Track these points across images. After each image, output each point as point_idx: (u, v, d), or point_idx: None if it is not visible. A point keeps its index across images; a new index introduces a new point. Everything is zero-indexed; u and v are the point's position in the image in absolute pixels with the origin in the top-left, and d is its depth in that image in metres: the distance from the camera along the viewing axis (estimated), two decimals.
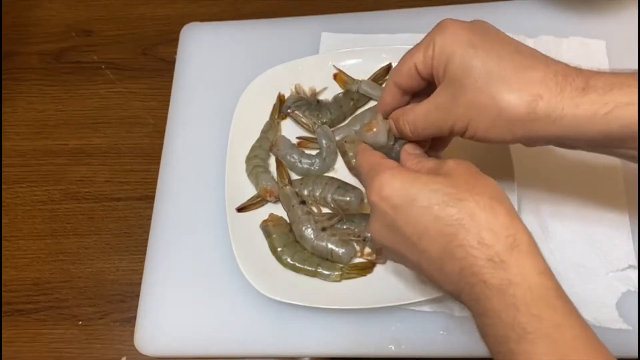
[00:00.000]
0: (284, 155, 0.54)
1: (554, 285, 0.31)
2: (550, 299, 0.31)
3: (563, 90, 0.33)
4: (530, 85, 0.34)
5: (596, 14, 0.59)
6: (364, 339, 0.48)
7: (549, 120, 0.33)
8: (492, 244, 0.32)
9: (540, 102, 0.33)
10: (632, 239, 0.49)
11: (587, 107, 0.33)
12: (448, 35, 0.36)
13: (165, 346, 0.51)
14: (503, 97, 0.34)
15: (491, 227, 0.32)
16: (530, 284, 0.31)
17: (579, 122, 0.33)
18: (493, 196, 0.33)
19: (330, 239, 0.49)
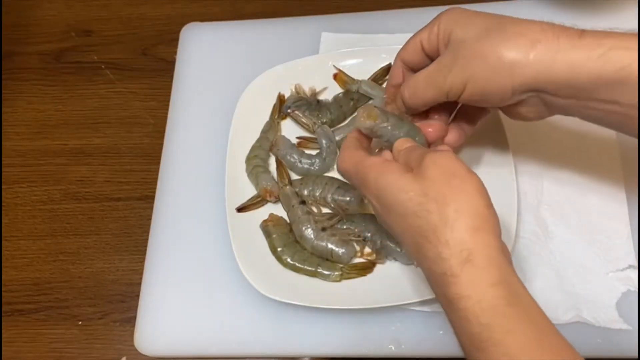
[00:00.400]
0: (284, 155, 0.54)
1: (507, 294, 0.31)
2: (500, 307, 0.31)
3: (560, 37, 0.34)
4: (528, 33, 0.35)
5: (596, 14, 0.59)
6: (364, 339, 0.48)
7: (546, 62, 0.34)
8: (448, 258, 0.33)
9: (538, 46, 0.34)
10: (632, 239, 0.49)
11: (582, 49, 0.34)
12: (453, 14, 0.39)
13: (165, 346, 0.51)
14: (502, 44, 0.35)
15: (448, 241, 0.33)
16: (480, 296, 0.31)
17: (575, 64, 0.34)
18: (460, 207, 0.33)
19: (330, 239, 0.49)
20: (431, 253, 0.33)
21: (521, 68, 0.35)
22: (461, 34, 0.38)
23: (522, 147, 0.52)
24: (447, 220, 0.33)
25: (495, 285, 0.32)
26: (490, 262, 0.32)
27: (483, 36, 0.36)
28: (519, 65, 0.35)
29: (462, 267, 0.32)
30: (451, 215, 0.33)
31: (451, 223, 0.33)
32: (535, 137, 0.53)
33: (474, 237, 0.33)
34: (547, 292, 0.48)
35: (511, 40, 0.35)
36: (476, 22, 0.37)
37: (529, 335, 0.30)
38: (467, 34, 0.37)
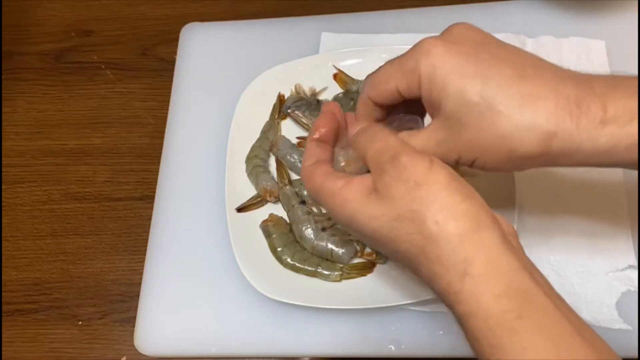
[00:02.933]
0: (284, 155, 0.54)
1: (516, 305, 0.28)
2: (510, 322, 0.28)
3: (579, 123, 0.30)
4: (541, 121, 0.30)
5: (596, 14, 0.59)
6: (364, 339, 0.48)
7: (564, 155, 0.31)
8: (444, 275, 0.30)
9: (554, 140, 0.30)
10: (632, 239, 0.49)
11: (606, 140, 0.30)
12: (435, 62, 0.32)
13: (165, 346, 0.51)
14: (513, 138, 0.31)
15: (439, 257, 0.30)
16: (487, 312, 0.28)
17: (598, 154, 0.31)
18: (438, 218, 0.30)
19: (330, 239, 0.49)
20: (427, 274, 0.31)
21: (535, 162, 0.32)
22: (457, 109, 0.32)
23: None
24: (430, 236, 0.30)
25: (501, 296, 0.28)
26: (490, 266, 0.29)
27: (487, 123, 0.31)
28: (532, 161, 0.32)
29: (462, 281, 0.29)
30: (433, 230, 0.30)
31: (435, 237, 0.30)
32: None
33: (464, 244, 0.29)
34: None
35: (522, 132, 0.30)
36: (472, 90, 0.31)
37: (545, 348, 0.27)
38: (463, 109, 0.32)
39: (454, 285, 0.29)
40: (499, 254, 0.30)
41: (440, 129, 0.34)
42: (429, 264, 0.30)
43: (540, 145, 0.31)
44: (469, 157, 0.33)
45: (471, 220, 0.30)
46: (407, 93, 0.35)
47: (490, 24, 0.59)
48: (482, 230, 0.30)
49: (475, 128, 0.32)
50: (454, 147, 0.33)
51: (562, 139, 0.30)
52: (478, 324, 0.29)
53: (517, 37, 0.58)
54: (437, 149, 0.34)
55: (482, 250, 0.29)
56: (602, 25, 0.58)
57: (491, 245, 0.30)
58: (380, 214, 0.32)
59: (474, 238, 0.30)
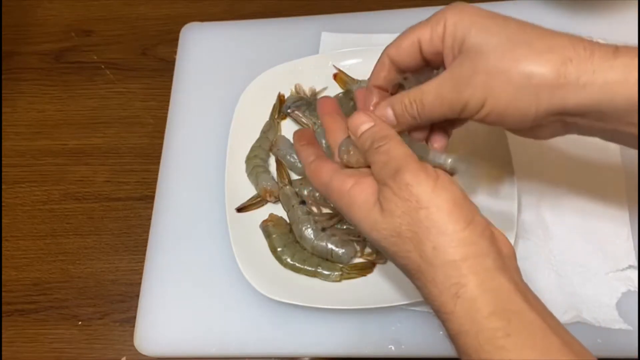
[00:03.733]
0: (284, 155, 0.54)
1: (504, 323, 0.29)
2: (498, 340, 0.29)
3: (593, 54, 0.31)
4: (558, 48, 0.31)
5: (596, 14, 0.59)
6: (364, 339, 0.48)
7: (578, 84, 0.31)
8: (438, 296, 0.31)
9: (569, 66, 0.31)
10: (632, 239, 0.49)
11: (618, 71, 0.30)
12: (463, 14, 0.33)
13: (165, 346, 0.51)
14: (529, 61, 0.31)
15: (434, 278, 0.31)
16: (477, 329, 0.30)
17: (610, 87, 0.30)
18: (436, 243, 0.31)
19: (330, 239, 0.49)
20: (423, 291, 0.33)
21: (550, 91, 0.31)
22: (479, 41, 0.32)
23: (523, 147, 0.52)
24: (427, 259, 0.31)
25: (490, 315, 0.29)
26: (482, 288, 0.30)
27: (507, 49, 0.32)
28: (547, 88, 0.31)
29: (454, 302, 0.30)
30: (430, 254, 0.31)
31: (431, 260, 0.31)
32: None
33: (459, 269, 0.30)
34: (547, 292, 0.48)
35: (540, 56, 0.31)
36: (495, 29, 0.33)
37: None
38: (486, 42, 0.32)
39: (446, 306, 0.31)
40: (491, 277, 0.31)
41: (458, 66, 0.33)
42: (425, 283, 0.32)
43: (556, 70, 0.31)
44: (482, 93, 0.33)
45: (469, 248, 0.31)
46: (429, 44, 0.35)
47: None
48: (479, 257, 0.31)
49: (495, 56, 0.32)
50: (469, 83, 0.33)
51: (577, 65, 0.31)
52: (469, 341, 0.30)
53: None
54: (451, 86, 0.34)
55: (476, 274, 0.30)
56: (602, 25, 0.58)
57: (485, 269, 0.31)
58: (382, 227, 0.33)
59: (469, 264, 0.30)
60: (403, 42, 0.36)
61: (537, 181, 0.52)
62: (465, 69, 0.33)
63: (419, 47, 0.35)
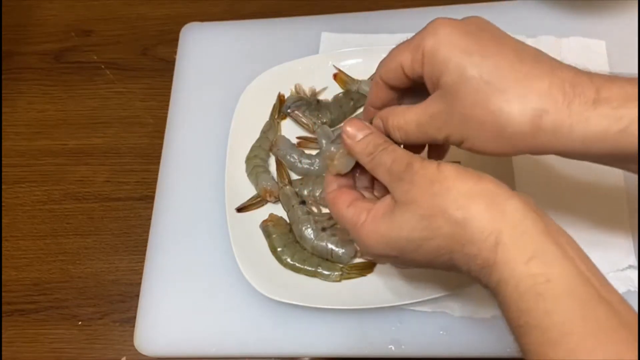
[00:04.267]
0: (284, 155, 0.54)
1: (542, 269, 0.29)
2: (537, 287, 0.29)
3: (571, 103, 0.30)
4: (534, 97, 0.31)
5: (596, 14, 0.59)
6: (364, 338, 0.48)
7: (555, 135, 0.31)
8: (478, 253, 0.31)
9: (545, 117, 0.30)
10: (632, 239, 0.49)
11: (598, 122, 0.30)
12: (440, 39, 0.33)
13: (165, 346, 0.51)
14: (503, 112, 0.31)
15: (470, 239, 0.31)
16: (517, 278, 0.30)
17: (589, 138, 0.30)
18: (459, 203, 0.31)
19: (330, 239, 0.49)
20: (463, 260, 0.32)
21: (526, 140, 0.32)
22: (455, 80, 0.32)
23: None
24: (457, 222, 0.31)
25: (529, 261, 0.29)
26: (517, 232, 0.30)
27: (481, 97, 0.32)
28: (522, 139, 0.32)
29: (495, 252, 0.30)
30: (458, 215, 0.31)
31: (462, 222, 0.31)
32: None
33: (489, 218, 0.31)
34: None
35: (514, 106, 0.31)
36: (470, 66, 0.32)
37: (568, 312, 0.28)
38: (461, 83, 0.32)
39: (489, 259, 0.31)
40: (523, 219, 0.31)
41: (436, 102, 0.34)
42: (462, 249, 0.32)
43: (530, 122, 0.31)
44: (460, 133, 0.34)
45: (489, 197, 0.31)
46: (411, 70, 0.35)
47: None
48: (502, 202, 0.31)
49: (469, 102, 0.32)
50: (446, 122, 0.34)
51: (553, 117, 0.30)
52: (510, 291, 0.30)
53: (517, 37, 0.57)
54: (430, 122, 0.35)
55: (507, 220, 0.31)
56: (602, 25, 0.58)
57: (514, 211, 0.31)
58: (406, 220, 0.33)
59: (496, 210, 0.31)
60: (389, 64, 0.37)
61: (536, 182, 0.52)
62: (442, 107, 0.34)
63: (403, 71, 0.36)
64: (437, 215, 0.32)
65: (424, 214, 0.33)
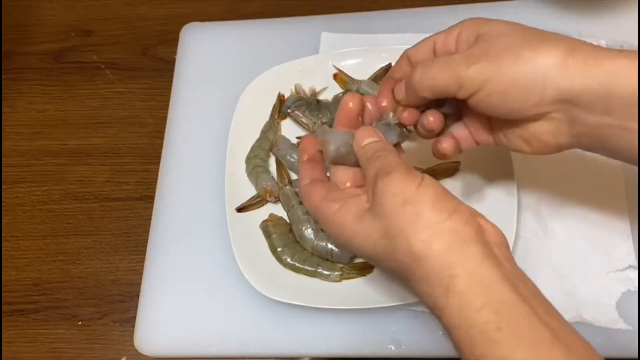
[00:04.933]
0: (284, 155, 0.54)
1: (494, 317, 0.29)
2: (491, 334, 0.29)
3: (598, 48, 0.33)
4: (565, 40, 0.34)
5: (596, 14, 0.59)
6: (364, 339, 0.48)
7: (585, 68, 0.32)
8: (430, 293, 0.31)
9: (576, 53, 0.33)
10: (632, 239, 0.49)
11: (626, 62, 0.31)
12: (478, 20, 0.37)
13: (165, 346, 0.51)
14: (539, 46, 0.33)
15: (424, 277, 0.32)
16: (469, 324, 0.30)
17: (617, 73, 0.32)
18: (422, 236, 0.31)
19: (330, 239, 0.49)
20: (415, 290, 0.33)
21: (557, 71, 0.33)
22: (492, 30, 0.36)
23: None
24: (415, 256, 0.31)
25: (481, 309, 0.30)
26: (472, 280, 0.30)
27: (518, 37, 0.35)
28: (554, 68, 0.33)
29: (446, 298, 0.31)
30: (418, 248, 0.31)
31: (419, 257, 0.31)
32: None
33: (447, 259, 0.31)
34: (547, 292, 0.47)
35: (549, 43, 0.33)
36: (507, 27, 0.36)
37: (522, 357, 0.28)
38: (499, 31, 0.36)
39: (439, 302, 0.31)
40: (479, 267, 0.31)
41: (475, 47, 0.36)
42: (416, 281, 0.32)
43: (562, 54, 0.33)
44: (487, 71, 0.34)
45: (454, 237, 0.31)
46: (442, 44, 0.39)
47: None
48: (464, 246, 0.31)
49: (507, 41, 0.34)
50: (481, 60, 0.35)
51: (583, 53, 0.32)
52: (462, 336, 0.30)
53: None
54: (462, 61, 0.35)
55: (464, 265, 0.31)
56: (602, 25, 0.58)
57: (473, 258, 0.31)
58: (372, 232, 0.34)
59: (455, 254, 0.31)
60: (421, 43, 0.41)
61: (537, 181, 0.52)
62: (479, 49, 0.36)
63: (434, 47, 0.40)
64: (399, 239, 0.32)
65: (388, 233, 0.33)
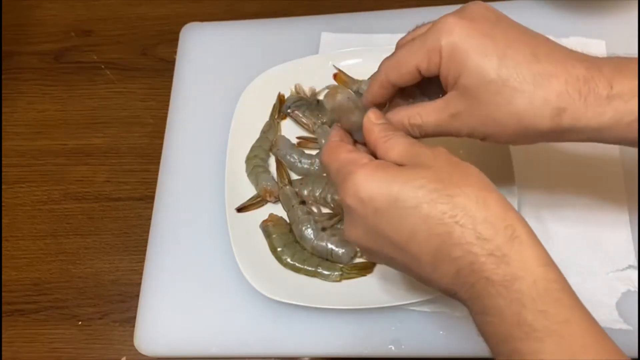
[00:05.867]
0: (284, 155, 0.54)
1: (558, 278, 0.30)
2: (555, 292, 0.29)
3: (587, 99, 0.32)
4: (553, 97, 0.32)
5: (596, 14, 0.59)
6: (364, 339, 0.48)
7: (573, 129, 0.33)
8: (491, 238, 0.30)
9: (564, 115, 0.32)
10: (632, 239, 0.49)
11: (611, 115, 0.32)
12: (456, 40, 0.34)
13: (165, 346, 0.51)
14: (526, 114, 0.33)
15: (487, 219, 0.30)
16: (535, 277, 0.29)
17: (602, 129, 0.33)
18: (482, 186, 0.31)
19: (330, 239, 0.49)
20: (468, 237, 0.30)
21: (545, 138, 0.34)
22: (471, 82, 0.34)
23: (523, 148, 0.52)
24: (477, 199, 0.30)
25: (546, 266, 0.29)
26: (534, 239, 0.30)
27: (500, 95, 0.33)
28: (542, 137, 0.34)
29: (511, 244, 0.29)
30: (478, 194, 0.30)
31: (482, 201, 0.30)
32: None
33: (508, 213, 0.31)
34: None
35: (534, 108, 0.33)
36: (488, 68, 0.33)
37: (585, 327, 0.29)
38: (480, 85, 0.33)
39: (502, 248, 0.30)
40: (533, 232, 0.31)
41: (456, 101, 0.35)
42: (475, 225, 0.30)
43: (551, 120, 0.33)
44: (482, 131, 0.35)
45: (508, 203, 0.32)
46: (427, 71, 0.36)
47: None
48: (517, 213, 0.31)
49: (491, 102, 0.33)
50: (468, 121, 0.35)
51: (571, 114, 0.32)
52: (526, 287, 0.29)
53: None
54: (450, 121, 0.36)
55: (524, 225, 0.31)
56: (602, 25, 0.58)
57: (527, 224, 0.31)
58: (419, 177, 0.31)
59: (514, 212, 0.31)
60: (402, 69, 0.37)
61: (537, 181, 0.52)
62: (463, 107, 0.35)
63: (419, 72, 0.36)
64: (456, 185, 0.31)
65: (441, 179, 0.31)
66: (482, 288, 0.30)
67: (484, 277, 0.30)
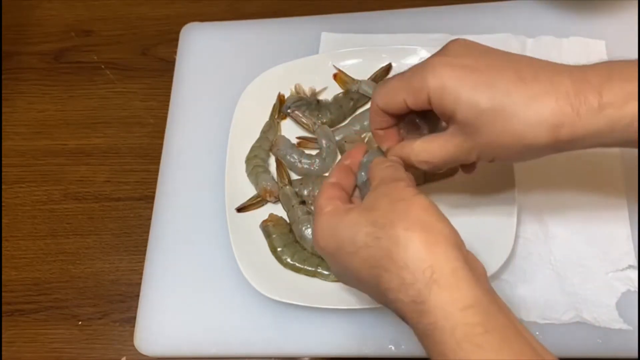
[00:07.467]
0: (284, 155, 0.54)
1: (481, 319, 0.29)
2: (476, 338, 0.28)
3: (580, 113, 0.33)
4: (547, 117, 0.33)
5: (596, 14, 0.59)
6: (363, 339, 0.48)
7: (571, 142, 0.34)
8: (413, 282, 0.30)
9: (562, 130, 0.33)
10: (632, 239, 0.49)
11: (605, 122, 0.33)
12: (444, 79, 0.35)
13: (165, 346, 0.51)
14: (526, 135, 0.34)
15: (407, 264, 0.30)
16: (453, 324, 0.29)
17: (600, 135, 0.34)
18: (409, 225, 0.31)
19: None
20: (393, 282, 0.31)
21: (548, 151, 0.35)
22: (467, 117, 0.34)
23: None
24: (398, 241, 0.31)
25: (467, 309, 0.29)
26: (456, 277, 0.30)
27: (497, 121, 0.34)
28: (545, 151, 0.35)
29: (429, 289, 0.30)
30: (402, 235, 0.31)
31: (404, 242, 0.31)
32: None
33: (432, 252, 0.30)
34: (547, 292, 0.48)
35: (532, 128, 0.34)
36: (479, 99, 0.34)
37: None
38: (476, 116, 0.34)
39: (421, 294, 0.30)
40: (462, 268, 0.30)
41: (458, 134, 0.36)
42: (397, 270, 0.31)
43: (550, 137, 0.34)
44: (488, 155, 0.37)
45: (439, 237, 0.31)
46: (415, 106, 0.37)
47: (491, 24, 0.59)
48: (449, 248, 0.31)
49: (490, 131, 0.35)
50: (473, 149, 0.36)
51: (568, 128, 0.33)
52: (444, 337, 0.29)
53: (517, 37, 0.58)
54: (457, 150, 0.37)
55: (448, 263, 0.30)
56: (602, 25, 0.58)
57: (456, 259, 0.31)
58: (357, 221, 0.34)
59: (441, 251, 0.31)
60: (390, 101, 0.38)
61: (537, 182, 0.51)
62: (465, 138, 0.36)
63: (407, 107, 0.37)
64: (384, 227, 0.32)
65: (375, 221, 0.33)
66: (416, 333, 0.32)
67: (412, 324, 0.31)
